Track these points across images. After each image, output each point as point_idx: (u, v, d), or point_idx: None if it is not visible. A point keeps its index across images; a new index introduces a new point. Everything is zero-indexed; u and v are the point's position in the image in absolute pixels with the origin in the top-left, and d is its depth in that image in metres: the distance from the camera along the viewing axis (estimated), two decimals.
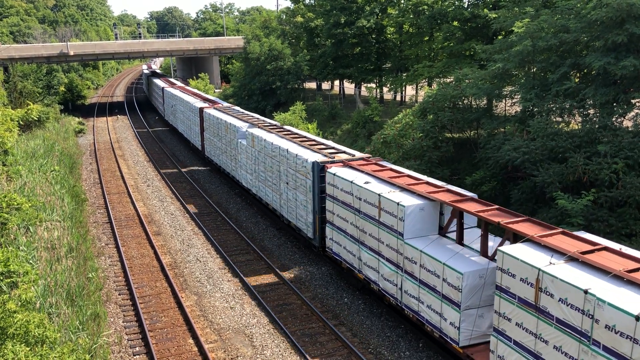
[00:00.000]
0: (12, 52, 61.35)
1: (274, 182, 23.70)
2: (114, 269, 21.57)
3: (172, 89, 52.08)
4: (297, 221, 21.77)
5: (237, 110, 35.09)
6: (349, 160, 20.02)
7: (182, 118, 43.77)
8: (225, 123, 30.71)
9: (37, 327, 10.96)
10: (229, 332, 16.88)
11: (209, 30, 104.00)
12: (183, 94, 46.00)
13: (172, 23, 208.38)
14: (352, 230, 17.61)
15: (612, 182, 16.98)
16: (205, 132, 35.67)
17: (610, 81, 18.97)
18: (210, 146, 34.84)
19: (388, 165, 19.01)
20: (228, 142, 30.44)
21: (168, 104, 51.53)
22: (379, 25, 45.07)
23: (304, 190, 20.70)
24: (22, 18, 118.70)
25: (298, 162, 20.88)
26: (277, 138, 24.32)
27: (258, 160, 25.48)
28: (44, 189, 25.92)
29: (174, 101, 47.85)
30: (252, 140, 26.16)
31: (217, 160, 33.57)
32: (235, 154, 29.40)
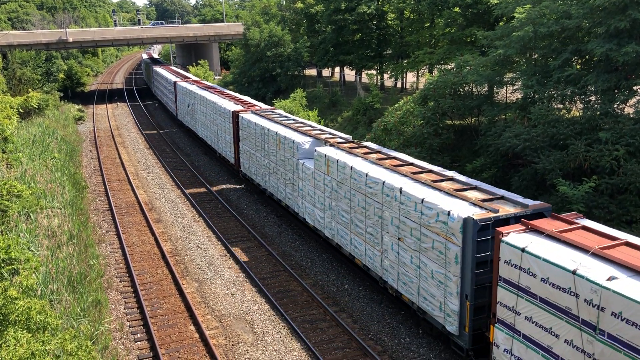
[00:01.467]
0: (10, 39, 61.06)
1: (370, 230, 16.73)
2: (114, 256, 21.62)
3: (188, 84, 44.27)
4: (420, 299, 14.78)
5: (285, 116, 27.60)
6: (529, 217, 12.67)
7: (205, 121, 36.25)
8: (275, 135, 23.52)
9: (39, 314, 11.00)
10: (230, 318, 16.95)
11: (208, 16, 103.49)
12: (206, 92, 37.69)
13: (171, 9, 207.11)
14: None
15: (613, 169, 16.97)
16: (242, 143, 28.17)
17: (612, 68, 18.88)
18: (249, 162, 27.52)
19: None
20: (281, 161, 23.23)
21: (182, 101, 44.19)
22: (379, 12, 44.79)
23: (440, 258, 13.64)
24: (20, 4, 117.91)
25: (428, 213, 13.77)
26: (374, 168, 16.92)
27: (337, 195, 18.49)
28: (44, 176, 25.90)
29: (191, 99, 40.24)
30: (325, 165, 19.06)
31: (261, 182, 26.29)
32: (293, 179, 22.18)
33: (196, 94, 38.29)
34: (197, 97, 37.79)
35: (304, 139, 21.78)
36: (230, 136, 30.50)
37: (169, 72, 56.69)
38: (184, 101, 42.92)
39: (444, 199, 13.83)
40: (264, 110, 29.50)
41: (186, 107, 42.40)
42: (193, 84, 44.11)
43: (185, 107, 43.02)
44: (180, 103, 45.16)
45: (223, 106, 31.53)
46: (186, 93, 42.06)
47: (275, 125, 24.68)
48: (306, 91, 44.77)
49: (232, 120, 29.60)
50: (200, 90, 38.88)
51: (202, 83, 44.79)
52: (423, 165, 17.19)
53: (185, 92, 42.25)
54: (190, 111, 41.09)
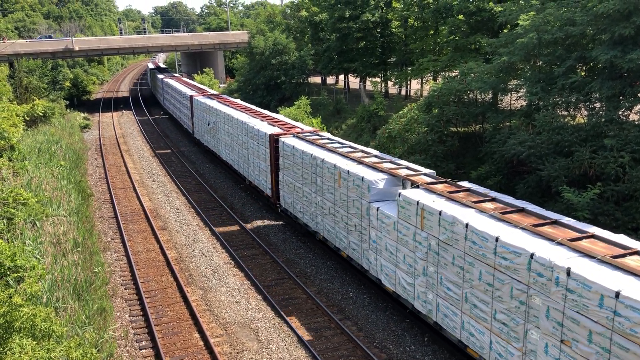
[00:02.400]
0: (17, 48, 61.52)
1: (502, 318, 12.00)
2: (119, 264, 21.65)
3: (207, 99, 39.04)
4: None
5: (337, 142, 22.39)
6: None
7: (230, 143, 31.56)
8: (332, 168, 18.89)
9: (44, 321, 11.02)
10: (234, 326, 16.93)
11: (213, 25, 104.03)
12: (232, 110, 32.75)
13: (176, 18, 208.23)
14: None
15: (619, 175, 16.91)
16: (283, 172, 23.42)
17: (617, 74, 18.85)
18: (292, 196, 22.77)
19: None
20: (342, 202, 18.61)
21: (200, 118, 39.13)
22: (383, 19, 44.93)
23: None
24: (27, 13, 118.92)
25: (630, 316, 9.17)
26: (505, 228, 12.15)
27: (439, 259, 13.85)
28: (50, 184, 26.02)
29: (212, 117, 35.21)
30: (417, 215, 14.26)
31: (310, 222, 21.53)
32: (361, 226, 17.53)
33: (219, 111, 33.43)
34: (221, 115, 32.96)
35: (377, 176, 16.90)
36: (265, 163, 25.64)
37: (183, 85, 51.34)
38: (202, 118, 38.07)
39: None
40: (309, 134, 24.37)
41: (205, 125, 37.43)
42: (213, 98, 38.97)
43: (203, 125, 38.11)
44: (198, 120, 39.98)
45: (256, 127, 26.49)
46: (206, 109, 37.03)
47: (330, 155, 19.95)
48: (310, 99, 44.85)
49: (270, 145, 24.74)
50: (223, 107, 33.90)
51: (223, 98, 39.34)
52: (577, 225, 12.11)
53: (205, 108, 37.21)
54: (210, 130, 35.98)
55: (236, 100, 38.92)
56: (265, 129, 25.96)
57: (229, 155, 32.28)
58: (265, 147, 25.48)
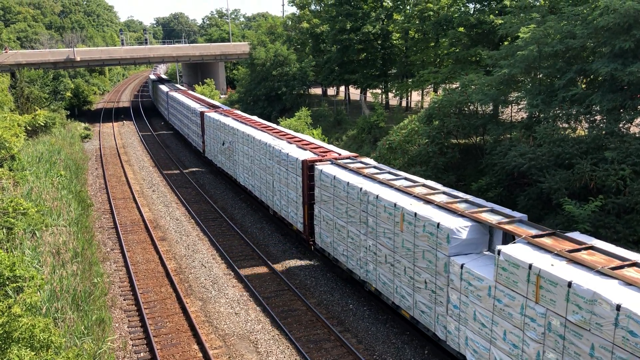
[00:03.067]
0: (19, 58, 61.77)
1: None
2: (119, 274, 21.58)
3: (220, 115, 35.19)
4: None
5: (388, 172, 18.84)
6: None
7: (250, 166, 27.89)
8: (392, 208, 15.44)
9: (42, 332, 10.96)
10: (233, 338, 16.84)
11: (214, 36, 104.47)
12: (251, 129, 29.05)
13: (178, 29, 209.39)
14: None
15: (619, 188, 16.89)
16: (320, 206, 20.00)
17: (617, 87, 18.90)
18: (332, 234, 19.30)
19: None
20: (405, 250, 15.13)
21: (212, 136, 35.22)
22: (384, 31, 45.15)
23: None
24: (29, 24, 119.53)
25: None
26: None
27: (565, 345, 10.35)
28: (50, 194, 26.00)
29: (228, 136, 31.55)
30: (531, 284, 10.98)
31: (358, 269, 18.00)
32: (435, 284, 14.07)
33: (236, 130, 29.80)
34: (239, 134, 29.37)
35: (458, 223, 13.40)
36: (296, 193, 22.23)
37: (191, 99, 47.50)
38: (216, 136, 34.34)
39: None
40: (350, 160, 20.91)
41: (219, 144, 33.77)
42: (227, 115, 35.23)
43: (216, 144, 34.43)
44: (210, 138, 36.09)
45: (285, 151, 23.01)
46: (219, 127, 33.41)
47: (385, 190, 16.42)
48: (311, 110, 44.96)
49: (303, 173, 21.39)
50: (242, 126, 30.28)
51: (238, 115, 35.50)
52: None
53: (218, 125, 33.65)
54: (225, 150, 32.26)
55: (253, 118, 34.60)
56: (295, 153, 22.56)
57: (248, 180, 28.52)
58: (296, 175, 22.01)
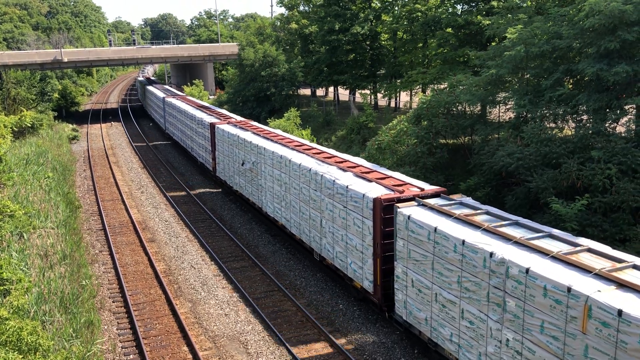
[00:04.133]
0: (5, 59, 61.23)
1: None
2: (107, 276, 21.45)
3: (238, 129, 29.37)
4: None
5: (528, 228, 12.86)
6: None
7: (282, 194, 22.58)
8: (559, 292, 10.22)
9: (30, 335, 10.89)
10: (223, 339, 16.81)
11: (203, 36, 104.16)
12: (284, 149, 23.35)
13: (166, 30, 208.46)
14: None
15: (606, 187, 17.06)
16: (407, 265, 14.77)
17: (603, 87, 19.09)
18: (428, 308, 14.19)
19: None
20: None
21: (226, 152, 29.78)
22: (373, 32, 45.25)
23: None
24: (15, 25, 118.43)
25: None
26: None
27: None
28: (37, 195, 25.80)
29: (250, 154, 25.84)
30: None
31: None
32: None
33: (262, 148, 24.31)
34: (266, 154, 23.88)
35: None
36: (362, 240, 16.82)
37: (195, 108, 41.39)
38: (231, 154, 28.77)
39: None
40: (446, 201, 15.26)
41: (235, 163, 28.31)
42: (245, 128, 29.33)
43: (232, 162, 29.02)
44: (222, 155, 30.68)
45: (341, 183, 17.70)
46: (236, 143, 27.72)
47: (537, 260, 11.13)
48: (300, 110, 44.97)
49: (375, 215, 16.06)
50: (268, 144, 24.46)
51: (259, 128, 29.76)
52: None
53: (235, 141, 27.97)
54: (246, 172, 26.54)
55: (277, 131, 28.91)
56: (359, 186, 17.03)
57: (280, 212, 23.13)
58: (362, 217, 16.67)
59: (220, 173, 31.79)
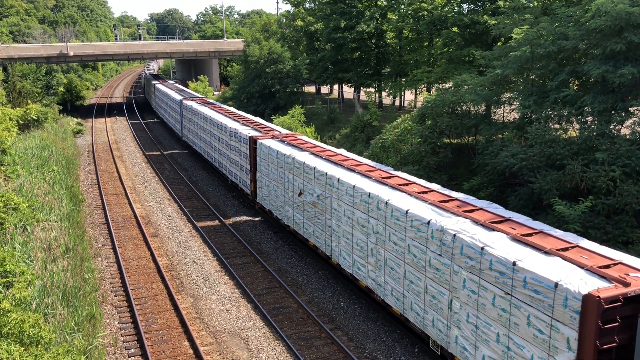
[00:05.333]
0: (11, 52, 61.36)
1: None
2: (110, 270, 21.52)
3: (295, 150, 22.60)
4: None
5: None
6: None
7: (369, 246, 16.77)
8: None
9: (32, 327, 10.94)
10: (224, 334, 16.85)
11: (208, 32, 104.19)
12: (385, 190, 16.53)
13: (172, 25, 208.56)
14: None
15: (610, 189, 17.03)
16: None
17: (609, 89, 19.04)
18: None
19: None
20: None
21: (274, 176, 23.47)
22: (378, 30, 45.19)
23: None
24: (22, 18, 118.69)
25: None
26: None
27: None
28: (41, 189, 25.87)
29: (315, 185, 19.86)
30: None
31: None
32: None
33: (333, 178, 18.42)
34: (342, 188, 17.89)
35: None
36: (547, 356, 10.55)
37: (223, 114, 34.41)
38: (282, 178, 22.67)
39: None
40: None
41: (287, 191, 22.35)
42: (301, 146, 22.99)
43: (281, 188, 22.92)
44: (266, 177, 24.33)
45: (517, 263, 11.08)
46: (290, 166, 21.79)
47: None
48: (304, 108, 44.96)
49: (587, 323, 9.82)
50: (342, 172, 18.59)
51: (312, 145, 23.53)
52: None
53: (288, 163, 21.92)
54: (304, 205, 20.88)
55: (339, 152, 22.20)
56: (551, 268, 10.72)
57: (364, 269, 17.04)
58: (552, 318, 10.40)
59: (262, 200, 25.31)
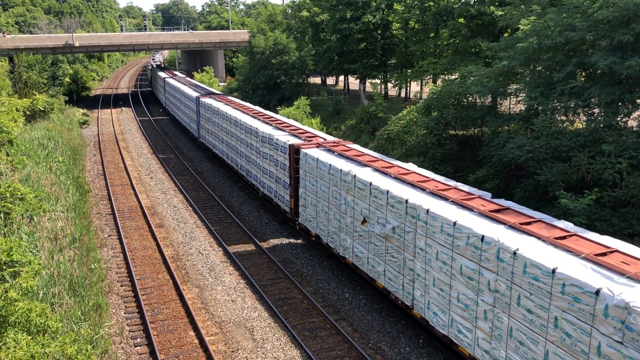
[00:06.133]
0: (17, 43, 61.44)
1: None
2: (116, 261, 21.64)
3: (365, 170, 17.60)
4: None
5: None
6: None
7: (485, 308, 12.09)
8: None
9: (39, 316, 11.01)
10: (230, 325, 16.94)
11: (214, 23, 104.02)
12: (502, 230, 12.08)
13: (177, 16, 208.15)
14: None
15: (616, 181, 16.95)
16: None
17: (616, 80, 18.91)
18: None
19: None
20: None
21: (326, 196, 19.47)
22: (384, 21, 44.98)
23: None
24: (27, 8, 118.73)
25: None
26: None
27: None
28: (48, 179, 25.98)
29: (390, 214, 15.66)
30: None
31: None
32: None
33: (416, 207, 14.46)
34: (432, 221, 13.75)
35: None
36: None
37: (253, 117, 29.03)
38: (333, 197, 18.91)
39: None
40: None
41: (345, 216, 18.29)
42: (357, 159, 18.98)
43: (334, 210, 19.02)
44: (313, 194, 20.44)
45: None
46: (348, 185, 17.83)
47: None
48: (310, 99, 44.89)
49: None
50: (429, 200, 14.62)
51: (371, 158, 19.44)
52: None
53: (346, 182, 17.92)
54: (370, 236, 16.94)
55: (411, 167, 18.27)
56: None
57: (473, 335, 12.78)
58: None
59: (308, 222, 21.23)
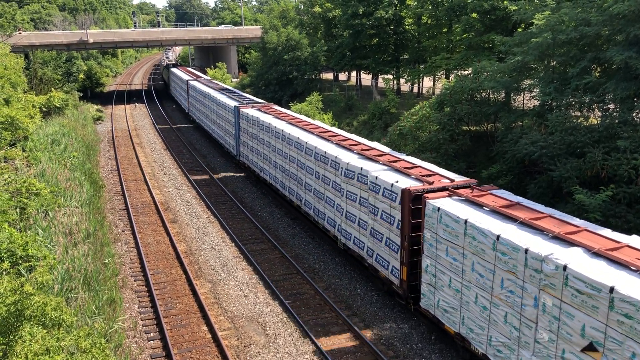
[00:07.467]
0: (32, 39, 61.98)
1: None
2: (130, 255, 21.81)
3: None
4: None
5: None
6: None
7: None
8: None
9: (54, 310, 11.11)
10: (242, 320, 17.02)
11: (227, 19, 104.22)
12: None
13: (190, 12, 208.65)
14: None
15: (631, 178, 16.77)
16: None
17: (632, 75, 18.67)
18: None
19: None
20: None
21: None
22: (397, 17, 44.75)
23: None
24: (42, 5, 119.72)
25: None
26: None
27: None
28: (63, 175, 26.23)
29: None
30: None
31: None
32: None
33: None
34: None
35: None
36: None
37: (319, 137, 22.78)
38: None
39: None
40: None
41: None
42: (542, 228, 12.09)
43: (497, 304, 12.42)
44: (458, 273, 13.63)
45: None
46: (554, 286, 10.70)
47: None
48: (322, 95, 44.83)
49: None
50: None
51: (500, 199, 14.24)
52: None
53: (550, 279, 10.79)
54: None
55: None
56: None
57: None
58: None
59: (436, 308, 14.79)
